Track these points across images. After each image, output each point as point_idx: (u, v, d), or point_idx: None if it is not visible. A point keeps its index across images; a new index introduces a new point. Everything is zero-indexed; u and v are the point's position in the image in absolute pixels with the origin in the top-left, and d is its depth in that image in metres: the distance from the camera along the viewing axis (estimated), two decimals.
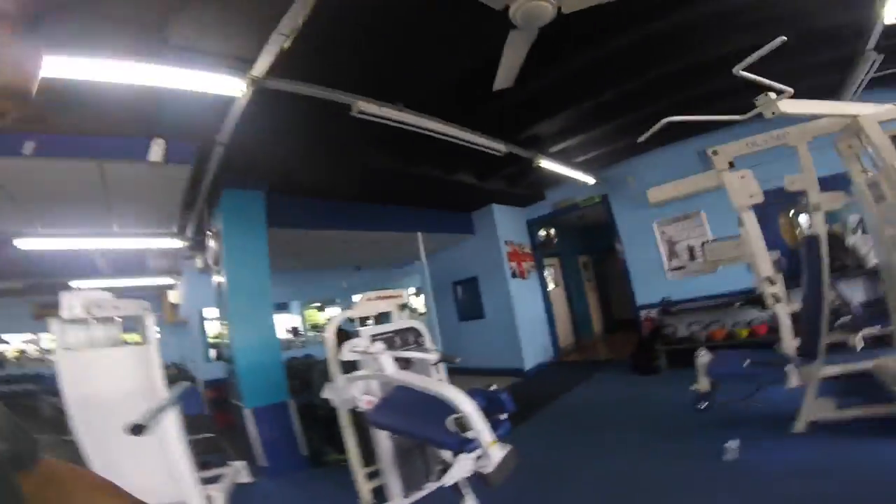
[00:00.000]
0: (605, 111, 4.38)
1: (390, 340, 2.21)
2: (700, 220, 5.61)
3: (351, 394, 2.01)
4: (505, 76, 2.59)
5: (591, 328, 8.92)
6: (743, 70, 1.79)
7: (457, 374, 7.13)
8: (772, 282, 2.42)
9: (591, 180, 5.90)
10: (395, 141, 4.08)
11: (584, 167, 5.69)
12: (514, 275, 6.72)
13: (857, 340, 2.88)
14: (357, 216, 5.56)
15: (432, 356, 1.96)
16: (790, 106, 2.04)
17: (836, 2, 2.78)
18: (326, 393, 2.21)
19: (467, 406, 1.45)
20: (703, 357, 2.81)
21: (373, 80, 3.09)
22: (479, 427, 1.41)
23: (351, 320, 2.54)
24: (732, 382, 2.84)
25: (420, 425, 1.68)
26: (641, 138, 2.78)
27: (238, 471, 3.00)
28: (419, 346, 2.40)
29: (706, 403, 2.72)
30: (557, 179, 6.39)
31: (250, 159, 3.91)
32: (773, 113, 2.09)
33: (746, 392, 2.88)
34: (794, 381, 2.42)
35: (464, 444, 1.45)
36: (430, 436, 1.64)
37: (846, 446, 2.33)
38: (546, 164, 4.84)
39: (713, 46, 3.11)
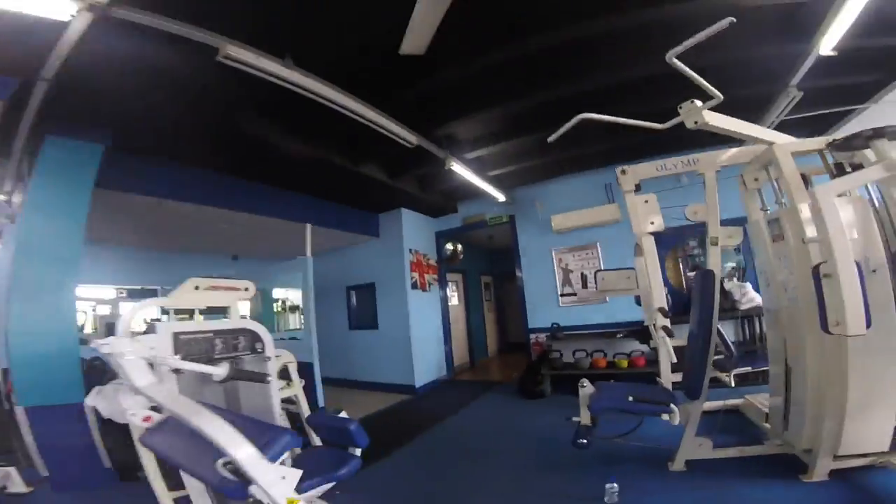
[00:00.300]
0: (525, 121, 4.24)
1: (206, 343, 1.56)
2: (595, 253, 5.78)
3: (121, 405, 1.33)
4: (415, 39, 2.18)
5: (485, 348, 8.84)
6: (676, 58, 1.60)
7: (343, 388, 6.50)
8: (664, 314, 2.30)
9: (501, 197, 5.78)
10: (286, 109, 3.43)
11: (497, 183, 5.54)
12: (415, 286, 6.28)
13: (731, 378, 2.95)
14: (234, 194, 4.67)
15: (219, 370, 1.37)
16: (714, 118, 1.94)
17: (776, 29, 2.80)
18: (91, 398, 1.49)
19: (241, 451, 0.92)
20: (586, 389, 2.62)
21: (255, 25, 2.47)
22: (262, 479, 0.89)
23: (166, 311, 1.82)
24: (614, 416, 2.68)
25: (195, 460, 1.09)
26: (553, 137, 2.55)
27: (7, 476, 2.72)
28: (255, 353, 1.78)
29: (585, 441, 2.50)
30: (470, 192, 6.20)
31: (89, 105, 2.99)
32: (696, 122, 1.96)
33: (627, 427, 2.75)
34: (676, 419, 2.30)
35: (238, 491, 0.92)
36: (204, 475, 1.07)
37: (722, 487, 2.26)
38: (458, 168, 4.53)
39: (639, 64, 3.04)
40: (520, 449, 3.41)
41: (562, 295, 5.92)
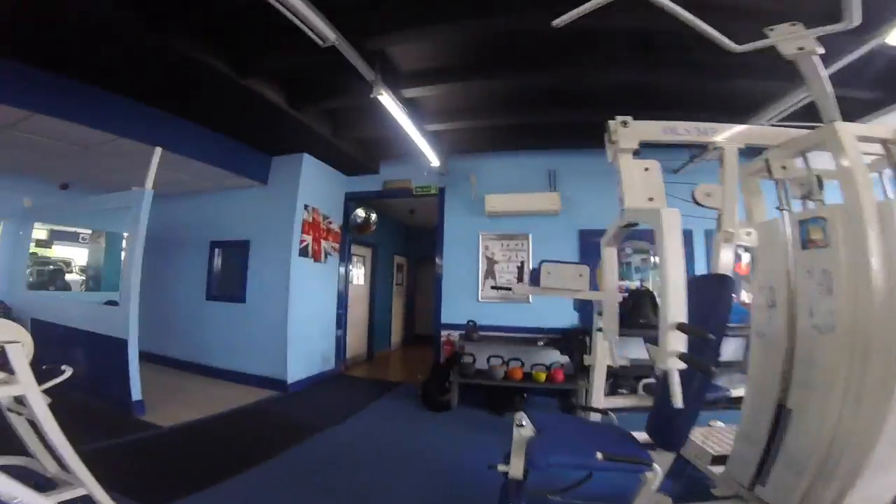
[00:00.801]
0: (485, 56, 3.28)
1: None
2: (525, 245, 5.10)
3: None
4: None
5: (388, 339, 7.80)
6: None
7: (191, 374, 4.77)
8: (693, 333, 1.50)
9: (435, 160, 4.76)
10: None
11: (434, 141, 4.49)
12: (304, 252, 4.95)
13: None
14: (49, 94, 3.00)
15: None
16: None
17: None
18: None
19: None
20: (525, 429, 1.75)
21: None
22: None
23: None
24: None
25: None
26: (561, 20, 1.60)
27: None
28: None
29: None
30: (396, 150, 5.08)
31: None
32: (802, 49, 1.17)
33: (569, 480, 1.96)
34: (656, 482, 1.54)
35: None
36: None
37: None
38: (389, 103, 3.39)
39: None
40: (417, 483, 2.47)
41: (482, 290, 5.12)
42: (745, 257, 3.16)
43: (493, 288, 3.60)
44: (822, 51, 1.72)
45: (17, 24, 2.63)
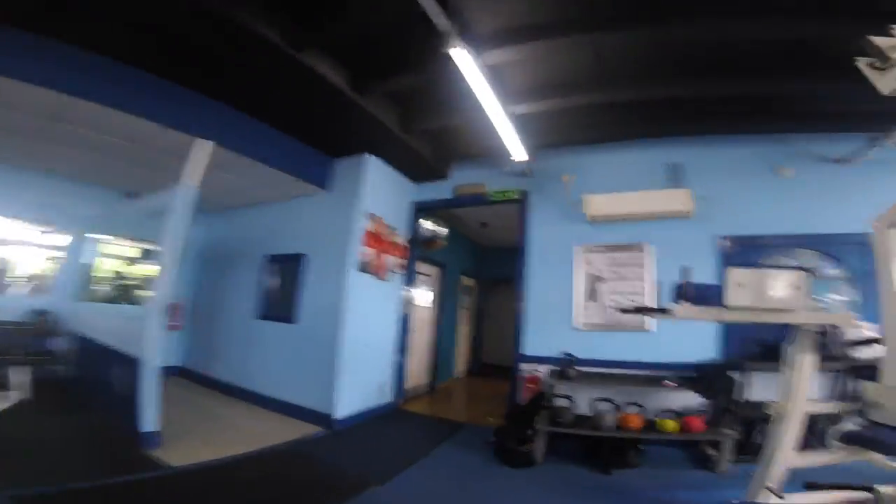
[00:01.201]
0: (593, 11, 2.43)
1: None
2: (641, 257, 3.95)
3: None
4: None
5: (451, 368, 6.86)
6: None
7: (236, 400, 2.76)
8: None
9: (520, 152, 3.88)
10: None
11: (518, 129, 3.64)
12: (365, 268, 4.27)
13: None
14: (91, 78, 2.73)
15: None
16: None
17: None
18: None
19: None
20: None
21: None
22: None
23: None
24: None
25: None
26: None
27: None
28: None
29: None
30: (470, 148, 4.34)
31: None
32: None
33: None
34: None
35: None
36: None
37: None
38: (464, 63, 2.63)
39: None
40: None
41: (582, 315, 4.04)
42: None
43: (624, 312, 2.55)
44: None
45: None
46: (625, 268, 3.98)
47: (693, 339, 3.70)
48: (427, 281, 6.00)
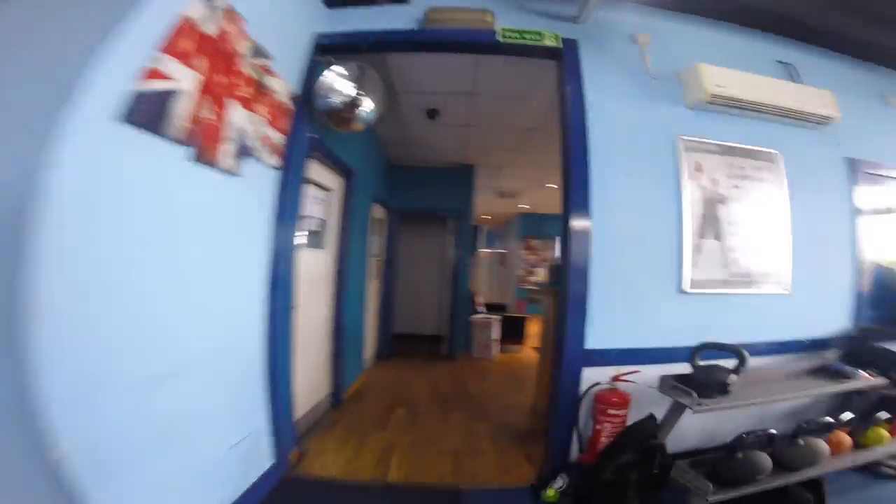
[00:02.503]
0: None
1: None
2: (769, 175, 2.12)
3: None
4: None
5: (359, 357, 4.24)
6: None
7: None
8: None
9: None
10: None
11: None
12: (154, 124, 1.28)
13: None
14: None
15: None
16: None
17: None
18: None
19: None
20: None
21: None
22: None
23: None
24: None
25: None
26: None
27: None
28: None
29: None
30: None
31: None
32: None
33: None
34: None
35: None
36: None
37: None
38: None
39: None
40: None
41: (696, 268, 2.02)
42: None
43: None
44: None
45: None
46: (746, 182, 2.13)
47: (827, 302, 2.28)
48: (321, 201, 3.12)
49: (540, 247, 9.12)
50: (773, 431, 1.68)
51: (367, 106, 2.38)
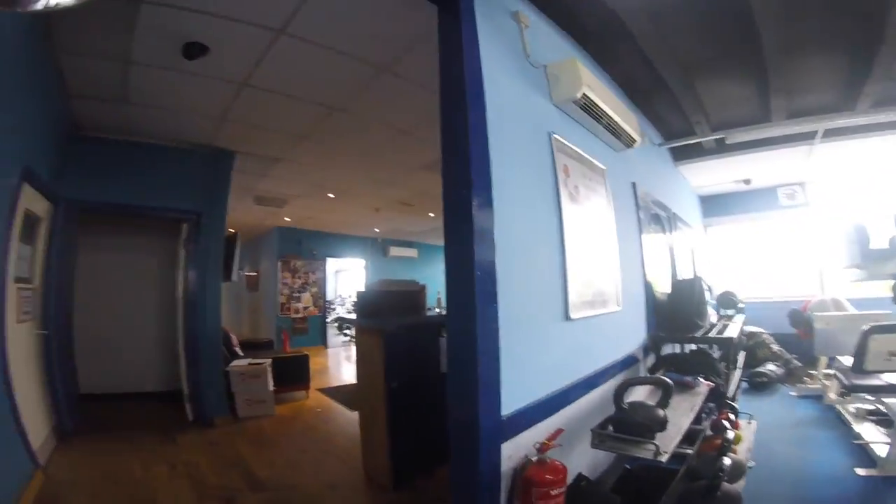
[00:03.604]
0: None
1: None
2: (602, 184, 2.29)
3: None
4: None
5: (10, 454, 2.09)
6: None
7: None
8: None
9: None
10: None
11: None
12: None
13: None
14: None
15: None
16: None
17: None
18: None
19: None
20: None
21: None
22: None
23: None
24: None
25: None
26: None
27: None
28: None
29: None
30: None
31: None
32: None
33: None
34: None
35: None
36: None
37: None
38: None
39: None
40: None
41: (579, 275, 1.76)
42: None
43: None
44: None
45: None
46: (593, 198, 2.17)
47: (639, 315, 2.64)
48: None
49: (303, 267, 7.89)
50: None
51: None
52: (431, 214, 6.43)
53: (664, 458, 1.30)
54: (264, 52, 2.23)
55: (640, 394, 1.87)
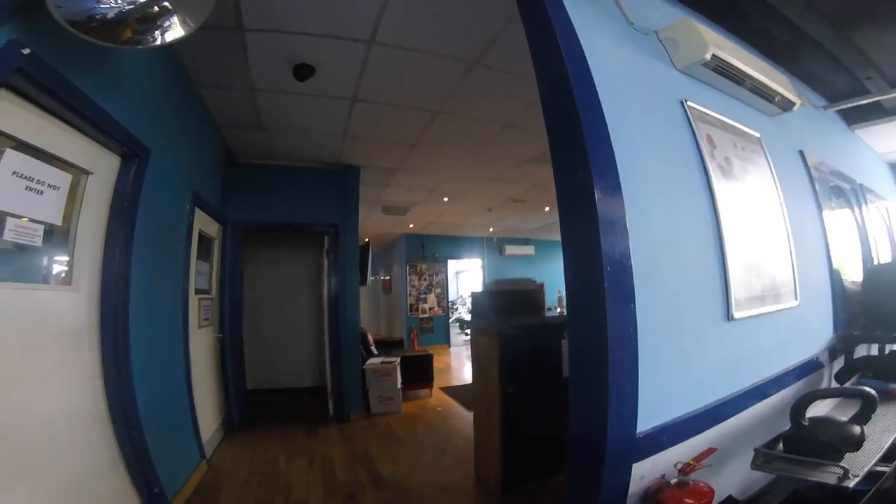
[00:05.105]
0: None
1: None
2: (760, 155, 1.83)
3: None
4: None
5: (189, 450, 2.59)
6: None
7: None
8: None
9: None
10: None
11: None
12: None
13: None
14: None
15: None
16: None
17: None
18: None
19: None
20: None
21: None
22: None
23: None
24: None
25: None
26: None
27: None
28: None
29: None
30: None
31: None
32: None
33: None
34: None
35: None
36: None
37: None
38: None
39: None
40: None
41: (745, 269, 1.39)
42: None
43: None
44: None
45: None
46: (752, 171, 1.73)
47: (822, 310, 2.06)
48: (48, 189, 1.63)
49: (427, 270, 8.40)
50: None
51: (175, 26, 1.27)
52: (546, 209, 6.15)
53: (852, 484, 0.95)
54: (363, 64, 2.36)
55: (822, 407, 1.45)
